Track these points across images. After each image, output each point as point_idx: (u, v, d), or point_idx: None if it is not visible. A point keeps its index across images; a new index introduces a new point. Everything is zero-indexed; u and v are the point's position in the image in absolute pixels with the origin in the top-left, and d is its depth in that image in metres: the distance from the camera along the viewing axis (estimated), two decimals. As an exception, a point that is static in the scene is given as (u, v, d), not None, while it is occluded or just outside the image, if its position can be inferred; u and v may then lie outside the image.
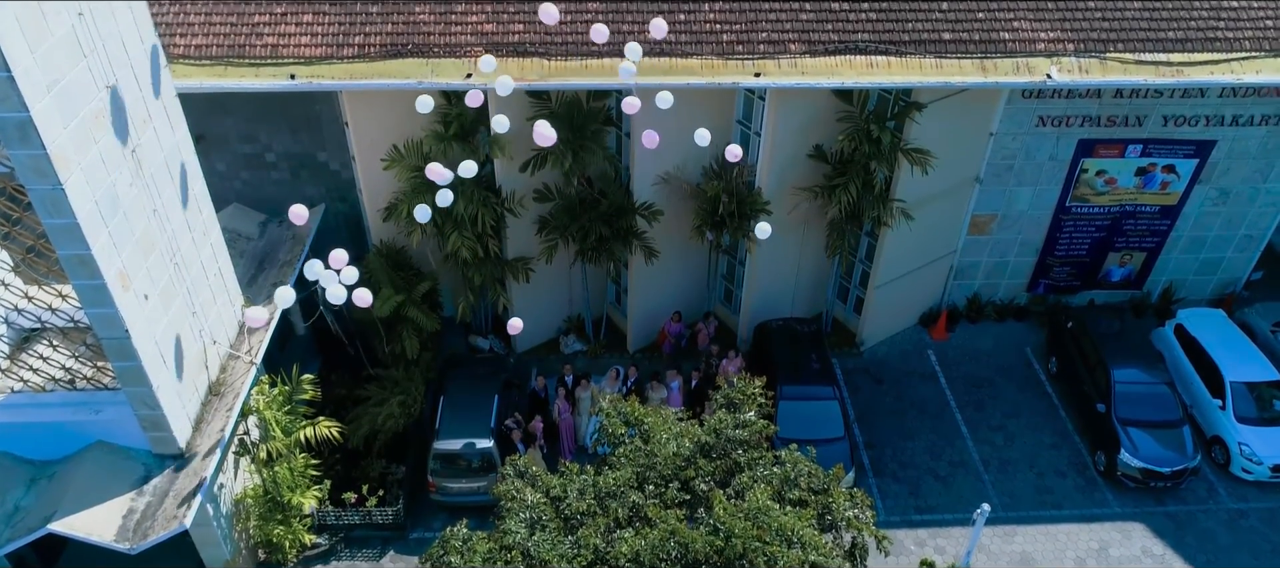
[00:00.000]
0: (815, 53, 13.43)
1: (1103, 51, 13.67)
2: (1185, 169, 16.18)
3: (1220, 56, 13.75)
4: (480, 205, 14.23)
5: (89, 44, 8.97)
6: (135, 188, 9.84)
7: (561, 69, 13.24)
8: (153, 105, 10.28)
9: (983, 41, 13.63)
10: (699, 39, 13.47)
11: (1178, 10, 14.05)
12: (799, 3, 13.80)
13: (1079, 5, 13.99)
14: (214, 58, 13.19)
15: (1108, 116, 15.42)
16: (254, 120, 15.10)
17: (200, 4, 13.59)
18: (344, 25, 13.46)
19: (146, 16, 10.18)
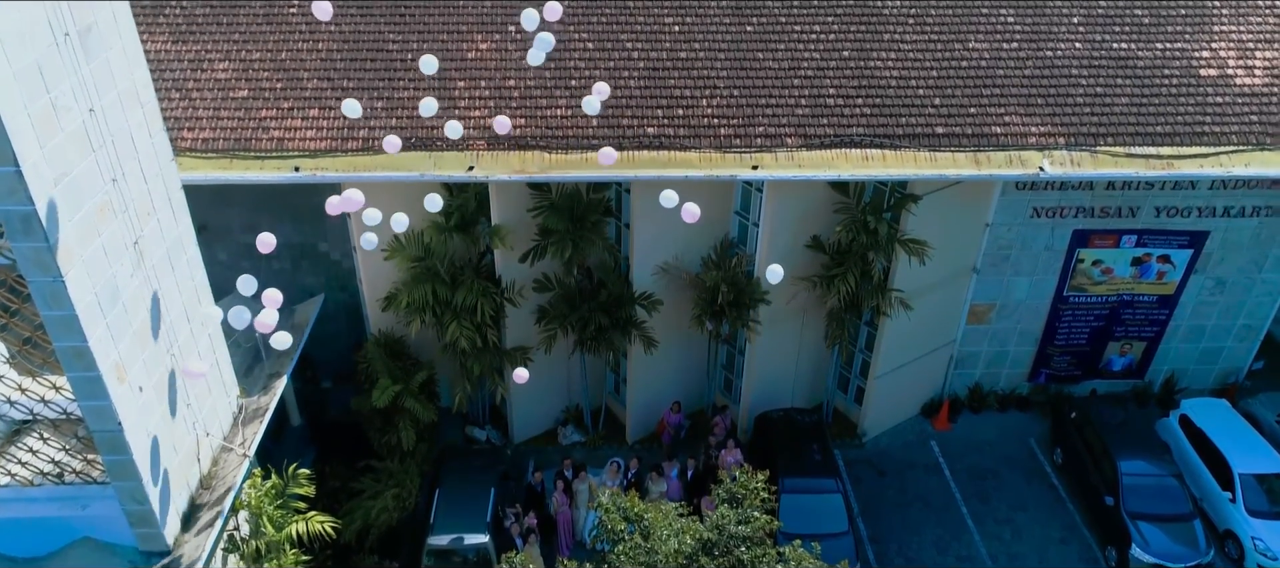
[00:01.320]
0: (811, 146, 13.69)
1: (1093, 145, 13.94)
2: (1180, 259, 16.30)
3: (1208, 150, 14.02)
4: (480, 295, 14.25)
5: (98, 139, 9.12)
6: (136, 279, 9.85)
7: (562, 162, 13.46)
8: (157, 197, 10.38)
9: (975, 135, 13.91)
10: (697, 133, 13.75)
11: (1164, 106, 14.40)
12: (794, 98, 14.14)
13: (1068, 101, 14.34)
14: (220, 151, 13.42)
15: (1101, 207, 15.62)
16: (257, 210, 15.25)
17: (209, 100, 13.91)
18: (349, 120, 13.72)
19: (156, 113, 10.38)
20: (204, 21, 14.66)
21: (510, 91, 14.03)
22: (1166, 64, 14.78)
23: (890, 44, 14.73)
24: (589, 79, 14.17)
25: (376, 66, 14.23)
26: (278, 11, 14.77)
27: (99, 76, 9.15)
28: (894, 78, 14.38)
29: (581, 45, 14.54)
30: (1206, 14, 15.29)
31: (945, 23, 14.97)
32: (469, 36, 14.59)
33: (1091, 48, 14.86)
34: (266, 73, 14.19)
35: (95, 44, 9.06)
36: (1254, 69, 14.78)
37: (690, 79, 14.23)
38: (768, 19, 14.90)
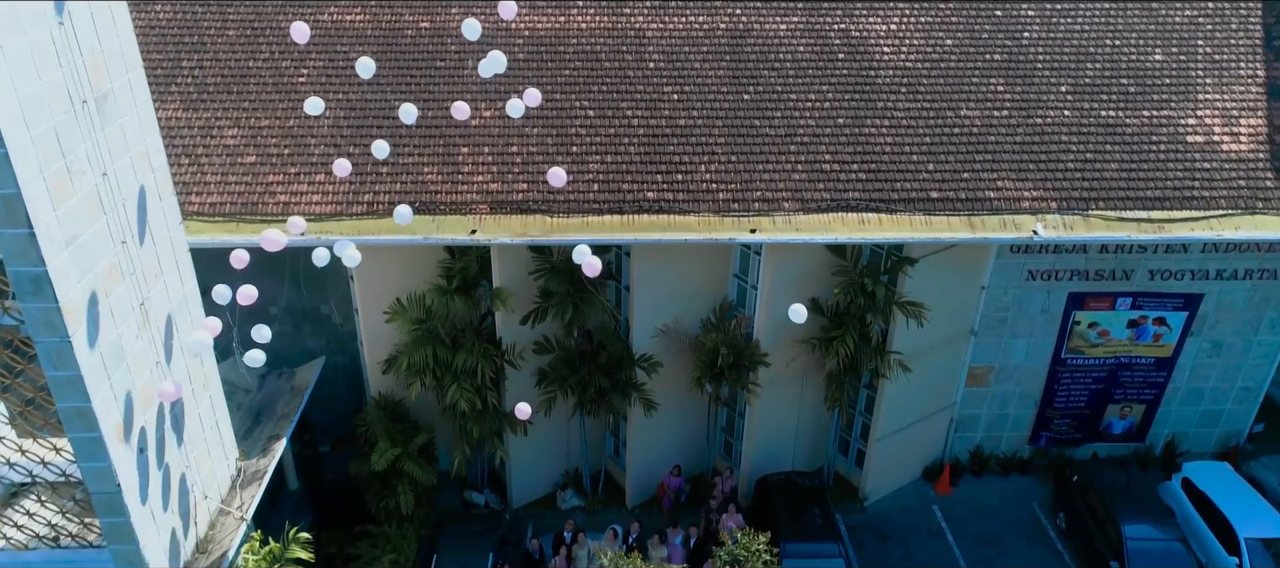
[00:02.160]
0: (809, 210, 13.93)
1: (1085, 209, 14.20)
2: (1176, 321, 16.43)
3: (1199, 214, 14.27)
4: (480, 357, 14.31)
5: (110, 203, 9.31)
6: (141, 340, 9.94)
7: (563, 225, 13.67)
8: (165, 260, 10.54)
9: (969, 200, 14.17)
10: (696, 197, 14.00)
11: (1153, 171, 14.70)
12: (791, 164, 14.43)
13: (1059, 167, 14.64)
14: (227, 215, 13.64)
15: (1095, 271, 15.81)
16: (260, 273, 15.30)
17: (217, 165, 14.18)
18: (354, 184, 13.99)
19: (167, 177, 10.61)
20: (215, 90, 15.03)
21: (513, 157, 14.33)
22: (1154, 131, 15.14)
23: (884, 112, 15.10)
24: (590, 146, 14.50)
25: (382, 133, 14.51)
26: (286, 81, 15.15)
27: (113, 142, 9.39)
28: (888, 144, 14.71)
29: (582, 113, 14.90)
30: (1190, 83, 15.71)
31: (937, 91, 15.37)
32: (472, 104, 14.90)
33: (1080, 116, 15.23)
34: (274, 139, 14.51)
35: (111, 111, 9.33)
36: (1239, 135, 15.14)
37: (689, 145, 14.55)
38: (764, 88, 15.30)
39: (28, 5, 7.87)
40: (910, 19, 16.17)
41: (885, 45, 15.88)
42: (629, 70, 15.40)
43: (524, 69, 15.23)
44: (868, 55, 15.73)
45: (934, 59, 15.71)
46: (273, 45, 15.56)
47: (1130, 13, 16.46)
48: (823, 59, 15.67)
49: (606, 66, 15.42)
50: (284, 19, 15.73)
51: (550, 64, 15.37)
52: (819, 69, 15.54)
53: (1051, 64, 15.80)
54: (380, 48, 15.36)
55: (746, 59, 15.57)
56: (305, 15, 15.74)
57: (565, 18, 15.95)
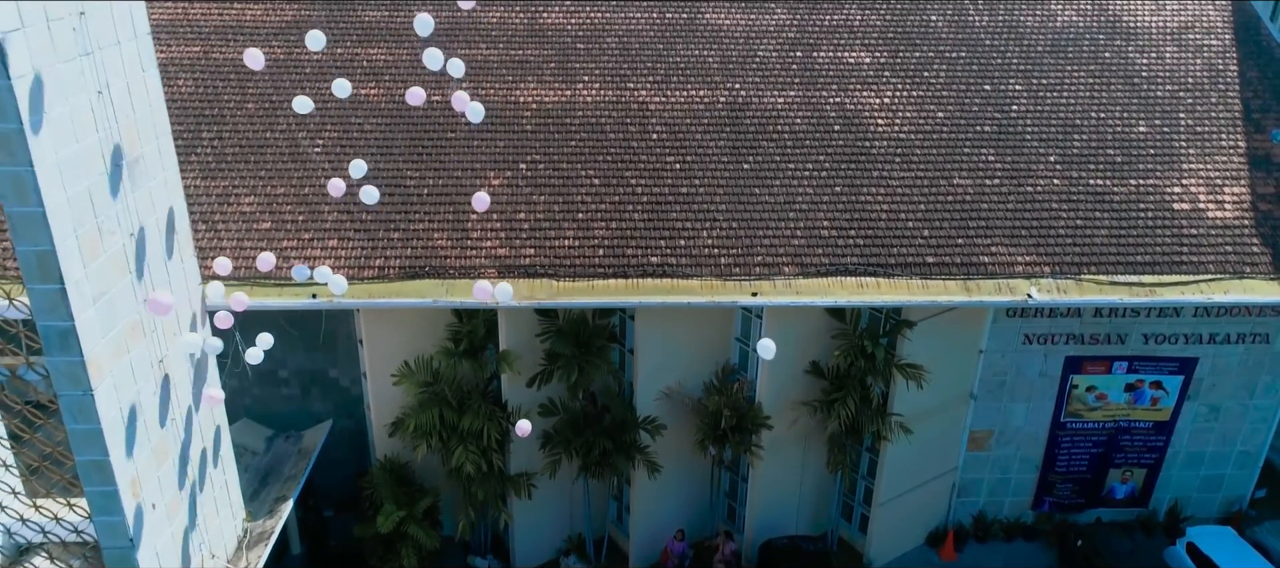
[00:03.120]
0: (808, 274, 14.30)
1: (1077, 273, 14.57)
2: (1172, 385, 16.64)
3: (1188, 278, 14.64)
4: (486, 419, 14.49)
5: (135, 262, 9.65)
6: (158, 397, 10.16)
7: (569, 289, 14.00)
8: (183, 319, 10.84)
9: (964, 264, 14.55)
10: (698, 262, 14.38)
11: (1142, 237, 15.12)
12: (790, 230, 14.85)
13: (1050, 233, 15.07)
14: (241, 279, 13.97)
15: (1090, 334, 16.10)
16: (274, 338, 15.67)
17: (233, 231, 14.59)
18: (366, 250, 14.38)
19: (189, 240, 10.98)
20: (233, 159, 15.55)
21: (520, 224, 14.75)
22: (1141, 198, 15.61)
23: (879, 180, 15.60)
24: (595, 212, 14.94)
25: (394, 202, 15.00)
26: (302, 151, 15.69)
27: (141, 204, 9.77)
28: (884, 211, 15.16)
29: (588, 181, 15.39)
30: (1174, 154, 16.27)
31: (930, 161, 15.91)
32: (482, 173, 15.46)
33: (1069, 184, 15.73)
34: (289, 206, 14.95)
35: (141, 174, 9.74)
36: (1224, 203, 15.61)
37: (691, 212, 15.00)
38: (763, 157, 15.84)
39: (73, 72, 8.35)
40: (902, 93, 16.83)
41: (879, 118, 16.48)
42: (633, 141, 15.96)
43: (531, 140, 15.79)
44: (862, 127, 16.33)
45: (926, 130, 16.31)
46: (289, 118, 16.13)
47: (1113, 87, 17.14)
48: (819, 131, 16.26)
49: (611, 138, 15.98)
50: (302, 93, 16.32)
51: (557, 135, 15.94)
52: (816, 140, 16.11)
53: (1040, 135, 16.38)
54: (394, 120, 15.95)
55: (746, 130, 16.15)
56: (323, 90, 16.37)
57: (571, 92, 16.59)
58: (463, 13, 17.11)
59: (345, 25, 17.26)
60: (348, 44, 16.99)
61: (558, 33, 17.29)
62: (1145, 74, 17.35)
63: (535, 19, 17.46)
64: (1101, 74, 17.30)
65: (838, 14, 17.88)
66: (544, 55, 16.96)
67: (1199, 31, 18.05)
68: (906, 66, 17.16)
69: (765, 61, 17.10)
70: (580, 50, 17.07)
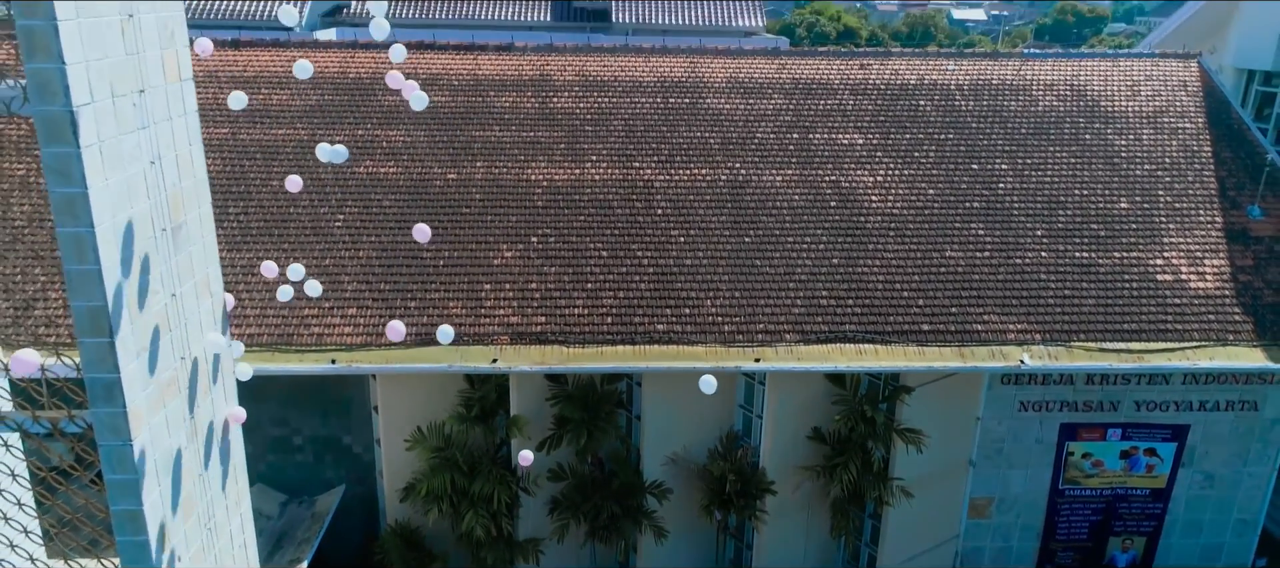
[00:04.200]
0: (809, 341, 14.83)
1: (1067, 341, 15.11)
2: (1166, 452, 16.98)
3: (1175, 345, 15.17)
4: (497, 483, 14.79)
5: (174, 322, 10.21)
6: (188, 452, 10.57)
7: (578, 355, 14.51)
8: (212, 381, 11.33)
9: (959, 332, 15.10)
10: (703, 329, 14.92)
11: (1128, 306, 15.72)
12: (791, 300, 15.46)
13: (1040, 302, 15.67)
14: (264, 345, 14.49)
15: (1084, 402, 16.53)
16: (287, 405, 16.11)
17: (257, 300, 15.17)
18: (384, 317, 14.93)
19: (221, 304, 11.56)
20: (257, 233, 16.24)
21: (532, 293, 15.35)
22: (1126, 270, 16.28)
23: (875, 253, 16.29)
24: (604, 283, 15.56)
25: (411, 272, 15.64)
26: (323, 224, 16.41)
27: (182, 267, 10.37)
28: (881, 282, 15.79)
29: (597, 254, 16.06)
30: (1155, 228, 17.01)
31: (923, 235, 16.63)
32: (495, 246, 16.15)
33: (1056, 256, 16.42)
34: (309, 275, 15.53)
35: (183, 240, 10.36)
36: (1205, 274, 16.27)
37: (695, 282, 15.62)
38: (763, 232, 16.56)
39: (131, 144, 9.07)
40: (895, 172, 17.68)
41: (873, 195, 17.28)
42: (639, 216, 16.70)
43: (543, 215, 16.53)
44: (858, 203, 17.11)
45: (918, 206, 17.08)
46: (312, 195, 16.91)
47: (1095, 167, 18.01)
48: (816, 207, 17.03)
49: (618, 213, 16.73)
50: (324, 171, 17.17)
51: (567, 211, 16.69)
52: (813, 215, 16.86)
53: (1026, 211, 17.15)
54: (411, 196, 16.72)
55: (746, 206, 16.92)
56: (342, 166, 17.21)
57: (580, 171, 17.43)
58: (480, 98, 18.11)
59: (366, 109, 18.22)
60: (368, 126, 17.90)
61: (567, 116, 18.24)
62: (1124, 154, 18.24)
63: (546, 103, 18.45)
64: (1083, 154, 18.19)
65: (831, 99, 18.89)
66: (555, 137, 17.87)
67: (1173, 115, 19.05)
68: (898, 147, 18.06)
69: (764, 143, 18.01)
70: (588, 132, 17.99)
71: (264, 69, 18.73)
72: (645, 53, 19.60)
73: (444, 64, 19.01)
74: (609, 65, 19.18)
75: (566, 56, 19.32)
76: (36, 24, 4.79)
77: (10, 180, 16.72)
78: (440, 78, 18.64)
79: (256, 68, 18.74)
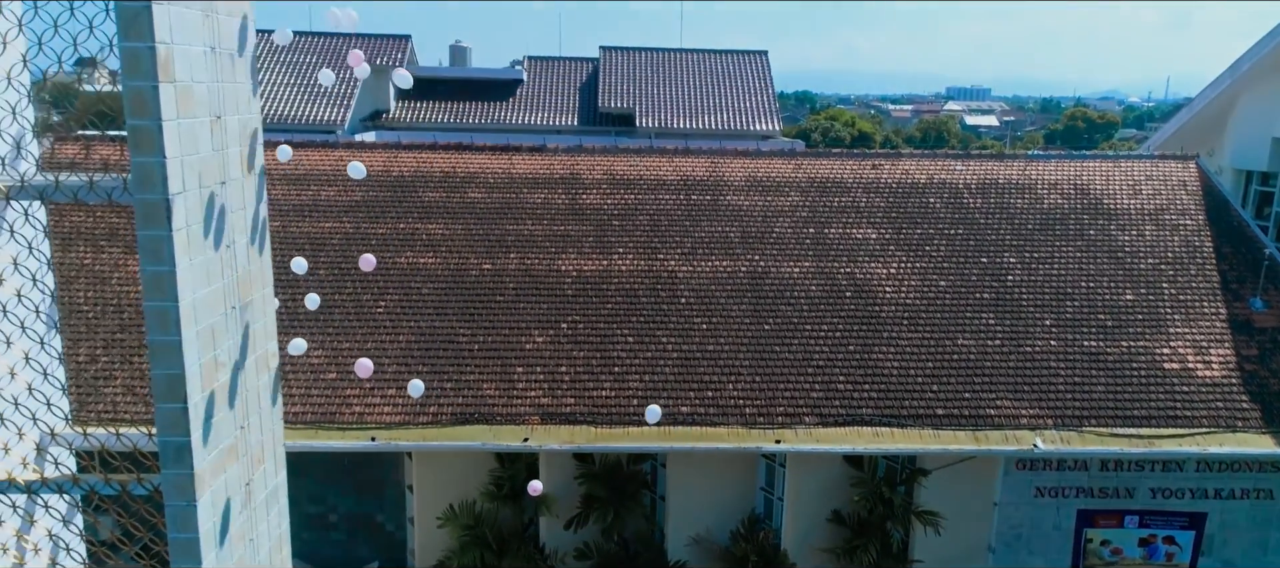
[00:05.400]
0: (827, 424, 15.35)
1: (1079, 426, 15.52)
2: (1185, 540, 17.07)
3: (1185, 431, 15.53)
4: (525, 562, 15.16)
5: (237, 393, 11.01)
6: (242, 517, 11.19)
7: (606, 435, 15.10)
8: (267, 449, 12.03)
9: (973, 416, 15.58)
10: (725, 412, 15.50)
11: (1138, 394, 16.16)
12: (809, 384, 16.05)
13: (1051, 389, 16.16)
14: (308, 423, 15.22)
15: (1099, 488, 16.77)
16: (324, 482, 16.70)
17: (302, 381, 15.98)
18: (422, 398, 15.64)
19: (278, 378, 12.36)
20: (304, 318, 17.16)
21: (562, 376, 16.06)
22: (1133, 359, 16.78)
23: (889, 341, 16.93)
24: (630, 366, 16.26)
25: (448, 355, 16.44)
26: (366, 310, 17.34)
27: (245, 343, 11.24)
28: (895, 368, 16.38)
29: (623, 340, 16.82)
30: (1161, 319, 17.58)
31: (935, 324, 17.28)
32: (527, 331, 16.95)
33: (1065, 344, 16.98)
34: (352, 359, 16.37)
35: (248, 317, 11.27)
36: (1212, 363, 16.73)
37: (717, 367, 16.28)
38: (782, 320, 17.29)
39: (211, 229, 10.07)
40: (907, 264, 18.47)
41: (886, 286, 18.04)
42: (663, 304, 17.52)
43: (572, 303, 17.39)
44: (872, 294, 17.85)
45: (930, 297, 17.80)
46: (355, 283, 17.91)
47: (1100, 261, 18.72)
48: (832, 297, 17.79)
49: (644, 301, 17.56)
50: (367, 257, 18.19)
51: (595, 299, 17.54)
52: (829, 305, 17.60)
53: (1035, 302, 17.81)
54: (449, 284, 17.67)
55: (766, 296, 17.71)
56: (385, 257, 18.26)
57: (608, 262, 18.36)
58: (515, 194, 19.27)
59: (408, 204, 19.40)
60: (410, 220, 19.03)
61: (595, 212, 19.32)
62: (1128, 249, 18.97)
63: (576, 200, 19.56)
64: (1088, 249, 18.94)
65: (845, 196, 19.89)
66: (583, 230, 18.89)
67: (1174, 213, 19.84)
68: (909, 241, 18.90)
69: (782, 237, 18.93)
70: (615, 226, 19.01)
71: (314, 167, 20.06)
72: (668, 153, 20.81)
73: (481, 163, 20.28)
74: (635, 165, 20.37)
75: (595, 157, 20.55)
76: (144, 124, 5.77)
77: (76, 268, 17.88)
78: (478, 176, 19.87)
79: (307, 165, 20.07)
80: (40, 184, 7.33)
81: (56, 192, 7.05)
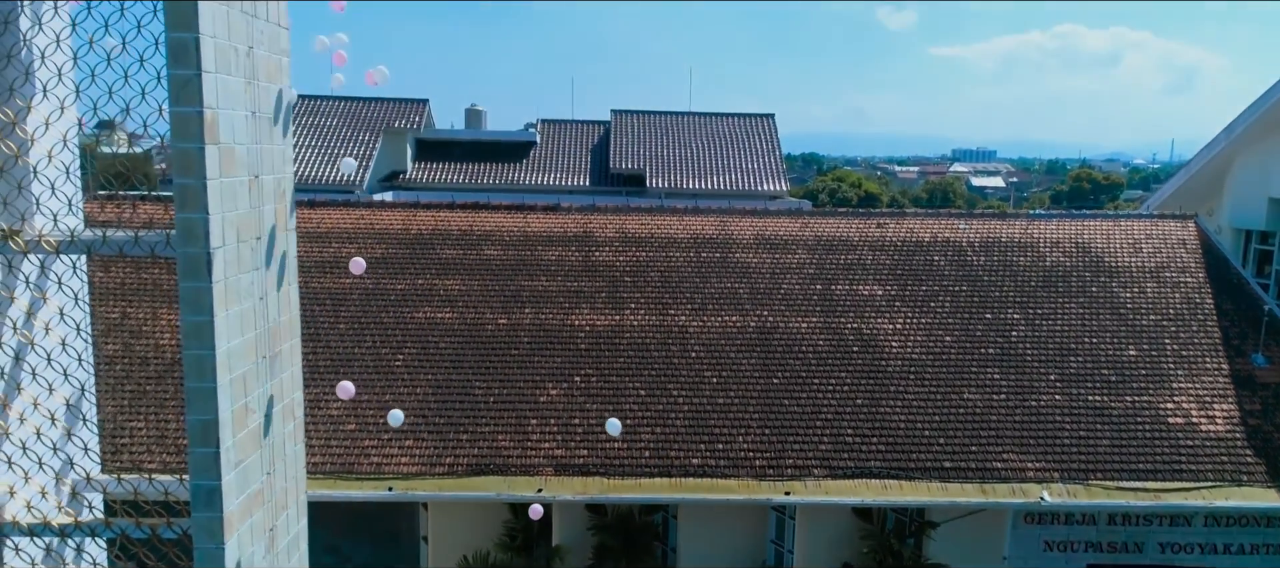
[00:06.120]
0: (836, 476, 15.48)
1: (1085, 479, 15.58)
2: (1196, 597, 16.93)
3: (1191, 485, 15.56)
4: (537, 612, 15.21)
5: (265, 440, 11.31)
6: (266, 561, 11.38)
7: (618, 486, 15.27)
8: (290, 497, 12.26)
9: (979, 469, 15.67)
10: (736, 464, 15.66)
11: (1143, 448, 16.24)
12: (818, 437, 16.22)
13: (1056, 443, 16.26)
14: (327, 473, 15.45)
15: (1108, 542, 16.73)
16: (341, 533, 16.84)
17: (321, 433, 16.26)
18: (437, 448, 15.90)
19: (302, 428, 12.65)
20: (324, 371, 17.53)
21: (575, 428, 16.28)
22: (1138, 413, 16.88)
23: (896, 394, 17.11)
24: (642, 419, 16.48)
25: (464, 407, 16.71)
26: (384, 362, 17.68)
27: (274, 391, 11.56)
28: (902, 421, 16.53)
29: (635, 393, 17.07)
30: (1164, 374, 17.71)
31: (941, 378, 17.47)
32: (541, 385, 17.23)
33: (1070, 399, 17.11)
34: (371, 411, 16.68)
35: (278, 367, 11.60)
36: (1216, 418, 16.81)
37: (727, 420, 16.48)
38: (790, 374, 17.52)
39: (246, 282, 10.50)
40: (913, 320, 18.74)
41: (893, 341, 18.28)
42: (674, 359, 17.79)
43: (585, 356, 17.69)
44: (878, 349, 18.09)
45: (936, 352, 18.01)
46: (375, 336, 18.30)
47: (1102, 317, 18.94)
48: (839, 351, 18.03)
49: (655, 356, 17.84)
50: (387, 316, 18.64)
51: (608, 353, 17.84)
52: (837, 359, 17.83)
53: (1039, 357, 17.99)
54: (465, 338, 18.02)
55: (774, 350, 17.97)
56: (403, 312, 18.67)
57: (620, 317, 18.71)
58: (529, 251, 19.74)
59: (426, 261, 19.87)
60: (428, 276, 19.48)
61: (608, 268, 19.73)
62: (1130, 306, 19.19)
63: (589, 257, 20.00)
64: (1090, 305, 19.17)
65: (851, 254, 20.26)
66: (596, 287, 19.28)
67: (1174, 270, 20.10)
68: (915, 298, 19.20)
69: (789, 293, 19.26)
70: (628, 283, 19.40)
71: (335, 225, 20.62)
72: (679, 212, 21.31)
73: (497, 222, 20.80)
74: (646, 223, 20.84)
75: (607, 215, 21.06)
76: (190, 182, 6.18)
77: (105, 322, 18.35)
78: (494, 234, 20.37)
79: (329, 224, 20.63)
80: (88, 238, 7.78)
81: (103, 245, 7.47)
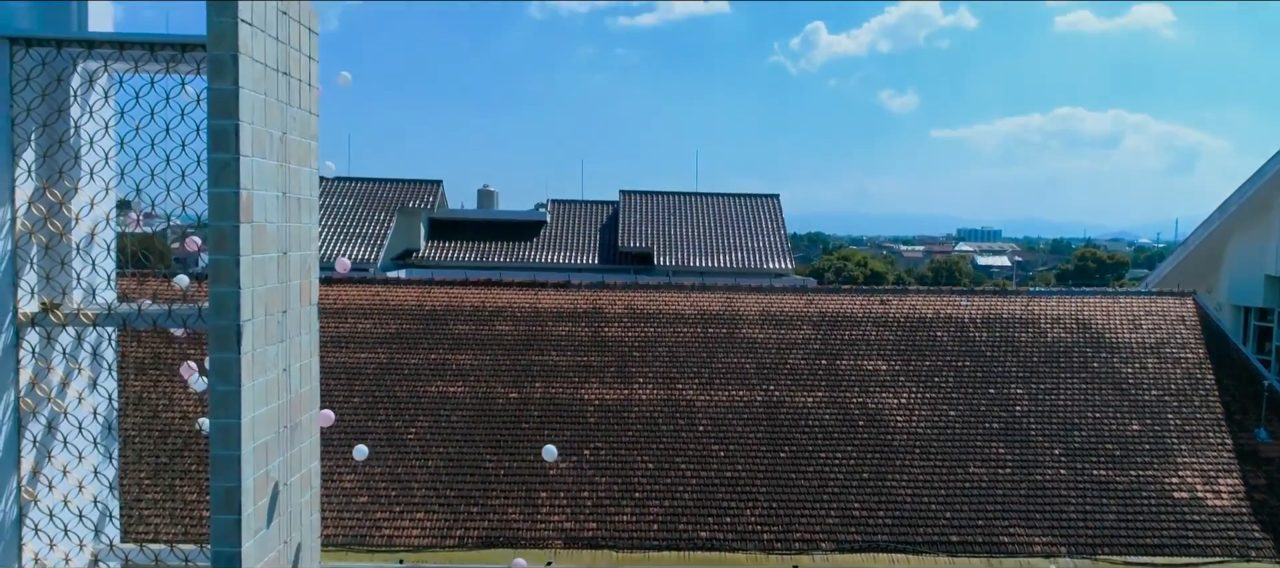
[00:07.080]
0: (844, 550, 15.44)
1: (1093, 553, 15.49)
2: (1212, 677, 16.57)
3: (1198, 560, 15.43)
4: (545, 689, 15.01)
5: (283, 508, 11.48)
6: (277, 632, 11.44)
7: (626, 559, 15.26)
8: (304, 563, 12.37)
9: (986, 543, 15.61)
10: (744, 537, 15.65)
11: (1149, 522, 16.16)
12: (825, 510, 16.22)
13: (1062, 517, 16.21)
14: (339, 545, 15.50)
15: (1119, 620, 16.49)
16: (350, 607, 16.73)
17: (334, 505, 16.36)
18: (448, 521, 15.96)
19: (318, 498, 12.83)
20: (337, 443, 17.67)
21: (584, 500, 16.35)
22: (1143, 487, 16.85)
23: (902, 468, 17.15)
24: (650, 492, 16.54)
25: (474, 480, 16.82)
26: (397, 435, 17.87)
27: (293, 460, 11.77)
28: (909, 495, 16.54)
29: (643, 466, 17.16)
30: (1168, 449, 17.73)
31: (946, 452, 17.53)
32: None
33: (1075, 474, 17.11)
34: (383, 484, 16.81)
35: (296, 437, 11.84)
36: (1221, 493, 16.75)
37: (735, 493, 16.53)
38: (797, 448, 17.61)
39: (272, 354, 10.86)
40: (917, 395, 18.88)
41: (898, 415, 18.41)
42: (682, 432, 17.94)
43: (594, 430, 17.85)
44: (884, 423, 18.20)
45: (941, 426, 18.11)
46: (388, 409, 18.53)
47: (1105, 392, 19.05)
48: (845, 426, 18.15)
49: (663, 429, 17.99)
50: (401, 390, 18.90)
51: (616, 427, 18.01)
52: (843, 433, 17.94)
53: (1043, 432, 18.06)
54: (477, 412, 18.23)
55: (781, 424, 18.10)
56: (416, 386, 18.93)
57: (629, 392, 18.92)
58: (540, 327, 20.08)
59: (439, 336, 20.24)
60: (440, 351, 19.81)
61: (617, 344, 20.04)
62: (1132, 381, 19.31)
63: (598, 333, 20.34)
64: (1093, 381, 19.30)
65: (856, 330, 20.54)
66: (605, 361, 19.56)
67: (1175, 346, 20.27)
68: (919, 373, 19.38)
69: (795, 368, 19.48)
70: (636, 358, 19.68)
71: (351, 301, 21.07)
72: (686, 289, 21.72)
73: (508, 299, 21.22)
74: (654, 300, 21.24)
75: (616, 292, 21.47)
76: (225, 258, 6.54)
77: (126, 396, 18.66)
78: (505, 310, 20.77)
79: (345, 300, 21.09)
80: (124, 311, 8.16)
81: (138, 318, 7.82)
